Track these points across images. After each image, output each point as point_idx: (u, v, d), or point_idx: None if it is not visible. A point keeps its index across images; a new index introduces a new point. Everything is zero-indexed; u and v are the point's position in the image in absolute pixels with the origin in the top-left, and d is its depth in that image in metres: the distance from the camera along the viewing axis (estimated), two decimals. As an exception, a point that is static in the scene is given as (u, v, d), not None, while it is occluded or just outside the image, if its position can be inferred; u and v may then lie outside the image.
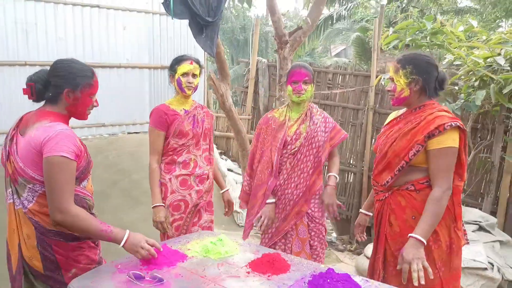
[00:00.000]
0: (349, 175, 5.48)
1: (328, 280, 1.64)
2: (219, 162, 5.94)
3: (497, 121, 3.60)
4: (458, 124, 1.89)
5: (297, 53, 14.16)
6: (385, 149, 2.04)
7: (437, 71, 2.01)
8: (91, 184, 1.96)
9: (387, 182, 2.04)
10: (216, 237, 2.16)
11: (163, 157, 2.62)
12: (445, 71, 2.57)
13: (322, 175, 2.62)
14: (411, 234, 1.87)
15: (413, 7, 14.14)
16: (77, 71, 1.80)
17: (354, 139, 5.40)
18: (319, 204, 2.60)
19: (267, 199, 2.55)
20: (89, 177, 1.93)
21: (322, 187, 2.61)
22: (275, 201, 2.57)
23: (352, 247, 4.97)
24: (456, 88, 3.42)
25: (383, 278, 2.07)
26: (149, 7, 4.85)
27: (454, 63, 3.41)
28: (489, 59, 3.20)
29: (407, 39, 3.22)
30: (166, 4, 2.93)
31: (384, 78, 3.57)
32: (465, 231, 2.09)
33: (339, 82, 5.59)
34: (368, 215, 2.43)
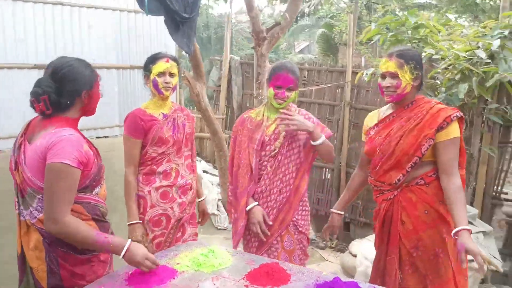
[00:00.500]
0: (326, 171, 5.45)
1: (335, 289, 1.56)
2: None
3: (475, 114, 3.64)
4: (461, 114, 1.97)
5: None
6: (391, 149, 2.02)
7: None
8: (104, 189, 1.91)
9: (399, 180, 2.03)
10: (206, 248, 2.02)
11: (141, 167, 2.38)
12: (425, 65, 2.58)
13: (307, 177, 2.43)
14: (460, 227, 1.83)
15: (375, 3, 14.45)
16: (85, 68, 1.75)
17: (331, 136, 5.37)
18: (302, 209, 2.40)
19: (248, 206, 2.34)
20: (103, 183, 1.88)
21: (306, 191, 2.43)
22: (257, 203, 2.35)
23: (332, 244, 4.94)
24: (437, 82, 3.43)
25: (400, 279, 2.05)
26: (116, 4, 4.58)
27: (433, 56, 3.41)
28: (468, 53, 3.22)
29: (389, 34, 3.19)
30: (140, 0, 2.73)
31: (366, 73, 3.53)
32: None
33: (314, 78, 5.54)
34: (341, 214, 2.41)
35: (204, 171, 6.10)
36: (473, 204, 4.02)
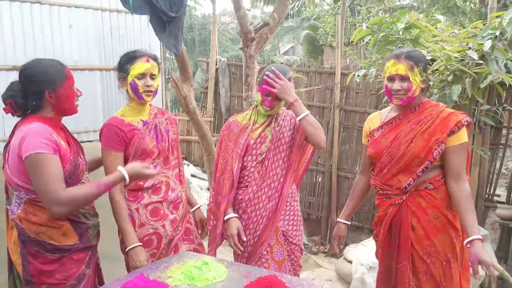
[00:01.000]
0: (317, 174, 5.38)
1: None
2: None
3: (467, 115, 3.60)
4: (470, 120, 1.97)
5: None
6: (401, 152, 1.98)
7: None
8: None
9: (409, 184, 1.99)
10: (199, 260, 1.90)
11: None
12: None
13: (293, 177, 2.30)
14: (472, 237, 1.81)
15: (358, 5, 14.54)
16: (49, 68, 1.76)
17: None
18: (294, 219, 2.31)
19: (226, 216, 2.23)
20: (84, 182, 1.89)
21: (295, 190, 2.34)
22: (236, 215, 2.24)
23: (325, 248, 4.86)
24: (430, 83, 3.39)
25: (415, 286, 2.01)
26: (97, 3, 4.42)
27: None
28: (460, 53, 3.18)
29: (380, 35, 3.13)
30: (123, -3, 2.59)
31: (357, 75, 3.46)
32: None
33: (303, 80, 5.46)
34: (347, 224, 2.37)
35: (192, 175, 5.97)
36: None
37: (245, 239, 2.24)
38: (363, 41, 3.22)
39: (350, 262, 3.49)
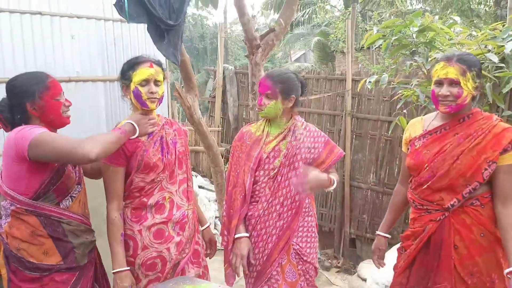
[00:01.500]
0: (329, 185, 5.18)
1: None
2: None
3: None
4: None
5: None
6: (445, 168, 1.79)
7: None
8: (81, 206, 1.90)
9: (452, 205, 1.81)
10: (197, 286, 1.75)
11: (128, 200, 1.97)
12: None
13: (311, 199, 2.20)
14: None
15: (369, 10, 14.36)
16: (28, 80, 1.75)
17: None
18: (307, 235, 2.16)
19: (237, 234, 2.10)
20: (75, 196, 1.86)
21: (309, 204, 2.18)
22: (247, 235, 2.11)
23: (338, 263, 4.65)
24: (483, 91, 3.20)
25: None
26: (100, 13, 4.32)
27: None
28: (479, 57, 2.98)
29: (393, 38, 2.95)
30: (119, 5, 2.45)
31: (369, 81, 3.28)
32: None
33: (313, 87, 5.29)
34: (387, 237, 2.17)
35: (200, 187, 5.83)
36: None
37: (253, 262, 2.12)
38: (375, 45, 3.04)
39: (364, 280, 3.28)
